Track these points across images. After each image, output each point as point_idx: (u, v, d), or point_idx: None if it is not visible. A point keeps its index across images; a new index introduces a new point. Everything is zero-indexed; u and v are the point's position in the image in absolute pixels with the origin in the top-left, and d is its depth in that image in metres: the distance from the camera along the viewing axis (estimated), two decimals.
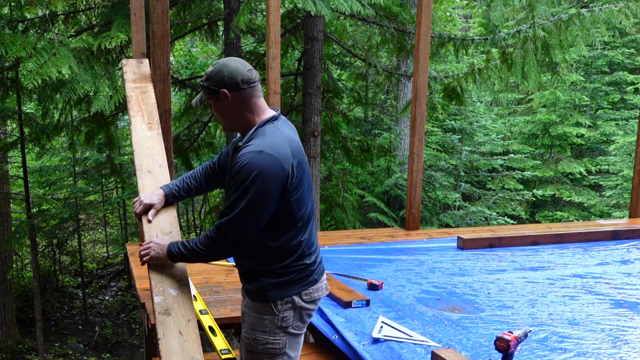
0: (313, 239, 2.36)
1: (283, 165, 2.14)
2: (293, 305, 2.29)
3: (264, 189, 2.11)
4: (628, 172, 12.42)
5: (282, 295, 2.27)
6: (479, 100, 14.47)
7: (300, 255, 2.29)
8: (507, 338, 2.47)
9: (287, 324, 2.30)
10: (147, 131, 3.11)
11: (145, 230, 2.51)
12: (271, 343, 2.31)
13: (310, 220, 2.34)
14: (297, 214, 2.25)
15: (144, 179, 2.77)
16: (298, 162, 2.21)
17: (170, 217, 2.57)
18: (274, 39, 4.57)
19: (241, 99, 2.25)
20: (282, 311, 2.28)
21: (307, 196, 2.31)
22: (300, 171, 2.22)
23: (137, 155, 2.93)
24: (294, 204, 2.22)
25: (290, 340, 2.33)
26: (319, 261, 2.39)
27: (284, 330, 2.31)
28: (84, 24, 7.35)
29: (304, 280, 2.30)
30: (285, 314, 2.29)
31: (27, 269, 13.54)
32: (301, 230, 2.28)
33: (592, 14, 6.91)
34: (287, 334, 2.31)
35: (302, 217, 2.27)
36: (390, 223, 10.78)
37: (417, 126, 5.40)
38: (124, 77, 3.60)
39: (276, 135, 2.21)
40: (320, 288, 2.37)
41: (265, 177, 2.11)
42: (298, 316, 2.32)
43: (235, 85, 2.22)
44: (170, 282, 2.27)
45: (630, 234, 5.36)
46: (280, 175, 2.13)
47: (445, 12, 13.68)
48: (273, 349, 2.31)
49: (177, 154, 9.01)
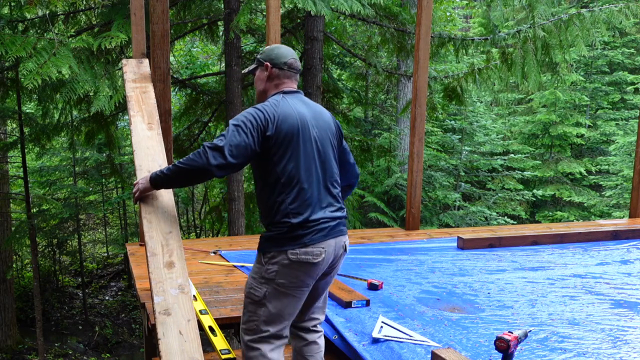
0: (307, 203, 2.51)
1: (266, 116, 2.48)
2: (277, 260, 2.48)
3: (245, 120, 2.44)
4: (628, 172, 12.42)
5: (269, 248, 2.51)
6: (479, 100, 14.47)
7: (284, 214, 2.48)
8: (507, 338, 2.47)
9: (271, 276, 2.49)
10: (147, 131, 3.11)
11: (145, 231, 2.51)
12: (254, 289, 2.54)
13: (301, 184, 2.51)
14: (279, 173, 2.49)
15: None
16: (283, 121, 2.49)
17: (170, 216, 2.57)
18: (274, 39, 4.57)
19: (277, 76, 2.67)
20: (267, 264, 2.50)
21: (297, 160, 2.51)
22: (285, 129, 2.49)
23: (137, 155, 2.93)
24: (275, 159, 2.48)
25: (273, 294, 2.49)
26: (314, 227, 2.50)
27: (268, 282, 2.50)
28: (84, 24, 7.35)
29: (292, 240, 2.47)
30: (270, 267, 2.49)
31: (27, 269, 13.54)
32: (286, 190, 2.49)
33: (592, 14, 6.91)
34: (270, 286, 2.49)
35: (284, 175, 2.49)
36: (390, 223, 10.77)
37: (417, 126, 5.40)
38: (124, 77, 3.60)
39: (273, 102, 2.56)
40: (311, 252, 2.48)
41: (250, 114, 2.48)
42: (283, 274, 2.48)
43: (278, 64, 2.66)
44: (170, 282, 2.27)
45: (630, 234, 5.36)
46: (262, 118, 2.46)
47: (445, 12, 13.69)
48: (254, 295, 2.53)
49: (177, 154, 9.01)
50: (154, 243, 2.47)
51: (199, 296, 3.47)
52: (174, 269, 2.33)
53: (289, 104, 2.57)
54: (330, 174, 2.64)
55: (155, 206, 2.63)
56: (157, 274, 2.31)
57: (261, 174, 2.55)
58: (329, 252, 2.54)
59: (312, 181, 2.54)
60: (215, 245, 4.90)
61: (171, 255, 2.43)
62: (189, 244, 5.00)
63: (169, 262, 2.39)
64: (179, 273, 2.32)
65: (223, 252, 4.64)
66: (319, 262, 2.50)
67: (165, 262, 2.38)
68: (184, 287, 2.27)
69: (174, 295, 2.23)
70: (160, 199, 2.67)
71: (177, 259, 2.42)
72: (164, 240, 2.49)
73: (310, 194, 2.53)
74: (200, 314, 3.16)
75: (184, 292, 2.25)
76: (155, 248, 2.45)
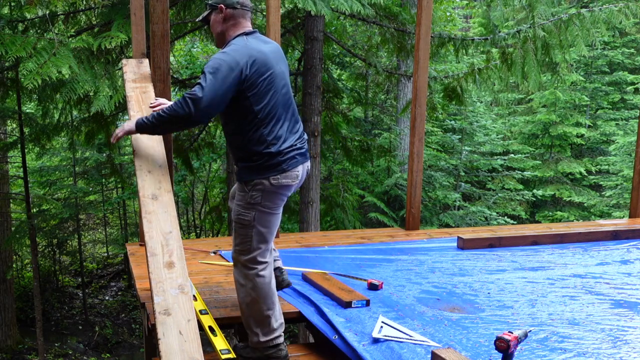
0: (281, 133, 2.84)
1: (238, 60, 2.69)
2: (262, 187, 2.81)
3: (219, 67, 2.65)
4: (628, 172, 12.42)
5: (250, 177, 2.82)
6: (479, 100, 14.48)
7: (265, 145, 2.79)
8: (507, 338, 2.47)
9: (256, 201, 2.83)
10: None
11: (145, 231, 2.51)
12: (242, 215, 2.86)
13: (275, 117, 2.82)
14: (256, 108, 2.76)
15: (144, 179, 2.76)
16: (255, 61, 2.73)
17: (170, 216, 2.57)
18: (274, 39, 4.57)
19: (232, 16, 2.88)
20: (251, 190, 2.83)
21: (270, 95, 2.80)
22: (258, 69, 2.74)
23: (137, 156, 2.92)
24: (251, 98, 2.74)
25: (260, 216, 2.86)
26: (289, 154, 2.85)
27: (254, 207, 2.84)
28: (84, 24, 7.34)
29: (272, 167, 2.81)
30: (253, 193, 2.82)
31: (27, 269, 13.55)
32: (264, 123, 2.78)
33: (592, 14, 6.90)
34: (256, 210, 2.84)
35: (262, 111, 2.77)
36: (390, 223, 10.78)
37: (417, 126, 5.40)
38: (124, 77, 3.58)
39: (240, 44, 2.79)
40: (290, 176, 2.86)
41: (223, 60, 2.68)
42: (266, 197, 2.84)
43: (231, 4, 2.87)
44: (170, 282, 2.27)
45: (630, 234, 5.36)
46: (235, 63, 2.68)
47: (445, 12, 13.68)
48: (244, 219, 2.86)
49: (177, 154, 9.01)
50: (154, 243, 2.47)
51: (199, 296, 3.47)
52: (174, 269, 2.33)
53: (254, 44, 2.80)
54: (293, 104, 2.98)
55: (155, 206, 2.63)
56: (157, 274, 2.31)
57: (237, 114, 2.78)
58: (302, 175, 2.94)
59: (282, 112, 2.86)
60: (215, 245, 4.89)
61: (171, 255, 2.43)
62: (189, 244, 5.00)
63: (169, 262, 2.39)
64: (179, 273, 2.32)
65: (223, 252, 4.63)
66: (295, 184, 2.91)
67: (165, 262, 2.38)
68: (184, 287, 2.27)
69: (174, 296, 2.22)
70: (161, 199, 2.67)
71: (177, 259, 2.41)
72: (164, 240, 2.48)
73: (282, 124, 2.85)
74: (200, 314, 3.16)
75: (184, 292, 2.25)
76: (155, 248, 2.45)
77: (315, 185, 8.10)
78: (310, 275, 3.89)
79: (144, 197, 2.68)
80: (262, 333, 2.93)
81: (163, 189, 2.74)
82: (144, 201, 2.65)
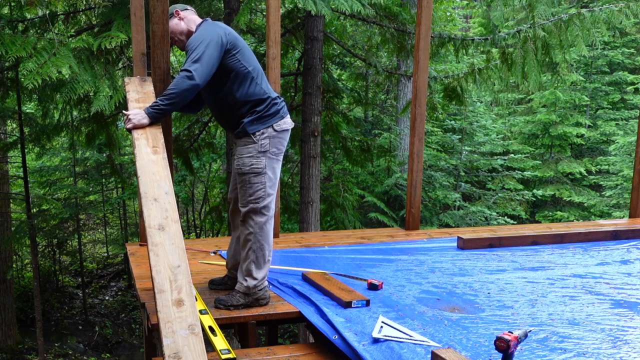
0: (269, 88, 3.32)
1: (214, 32, 3.13)
2: (268, 134, 3.22)
3: (204, 39, 3.08)
4: (628, 172, 12.42)
5: (256, 127, 3.21)
6: (479, 100, 14.48)
7: (263, 93, 3.24)
8: (507, 338, 2.47)
9: (265, 148, 3.22)
10: (151, 155, 2.94)
11: (152, 264, 2.39)
12: (255, 164, 3.21)
13: (261, 74, 3.29)
14: (249, 67, 3.22)
15: (149, 207, 2.63)
16: (229, 33, 3.19)
17: (178, 249, 2.46)
18: (274, 39, 4.57)
19: (186, 16, 3.37)
20: (259, 140, 3.21)
21: (252, 57, 3.28)
22: (234, 38, 3.19)
23: (141, 182, 2.76)
24: (241, 58, 3.19)
25: (269, 162, 3.25)
26: (281, 103, 3.33)
27: (264, 154, 3.22)
28: (84, 24, 7.34)
29: (273, 115, 3.24)
30: (263, 141, 3.21)
31: (27, 269, 13.55)
32: (254, 75, 3.23)
33: (592, 14, 6.90)
34: (266, 157, 3.23)
35: (253, 69, 3.23)
36: (390, 223, 10.78)
37: (417, 126, 5.40)
38: (127, 97, 3.42)
39: (208, 26, 3.23)
40: (287, 122, 3.32)
41: (200, 35, 3.14)
42: (273, 143, 3.24)
43: (182, 8, 3.39)
44: (180, 323, 2.17)
45: (630, 234, 5.36)
46: (213, 33, 3.12)
47: (445, 12, 13.69)
48: (257, 168, 3.21)
49: (177, 154, 9.01)
50: (161, 279, 2.34)
51: (199, 296, 3.47)
52: (183, 307, 2.22)
53: (215, 25, 3.24)
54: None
55: (162, 238, 2.51)
56: (166, 312, 2.19)
57: (233, 74, 3.17)
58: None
59: (263, 73, 3.33)
60: (215, 245, 4.89)
61: (180, 292, 2.30)
62: (189, 244, 4.99)
63: (177, 299, 2.27)
64: (189, 312, 2.20)
65: (223, 252, 4.63)
66: (291, 127, 3.34)
67: (174, 300, 2.26)
68: (194, 328, 2.15)
69: (184, 337, 2.12)
70: (168, 229, 2.54)
71: (186, 296, 2.29)
72: (172, 275, 2.35)
73: (267, 82, 3.32)
74: (200, 314, 3.16)
75: (194, 333, 2.13)
76: (163, 284, 2.32)
77: (315, 185, 8.10)
78: (310, 275, 3.89)
79: (149, 227, 2.55)
80: (259, 277, 3.30)
81: (170, 218, 2.61)
82: (150, 232, 2.52)
